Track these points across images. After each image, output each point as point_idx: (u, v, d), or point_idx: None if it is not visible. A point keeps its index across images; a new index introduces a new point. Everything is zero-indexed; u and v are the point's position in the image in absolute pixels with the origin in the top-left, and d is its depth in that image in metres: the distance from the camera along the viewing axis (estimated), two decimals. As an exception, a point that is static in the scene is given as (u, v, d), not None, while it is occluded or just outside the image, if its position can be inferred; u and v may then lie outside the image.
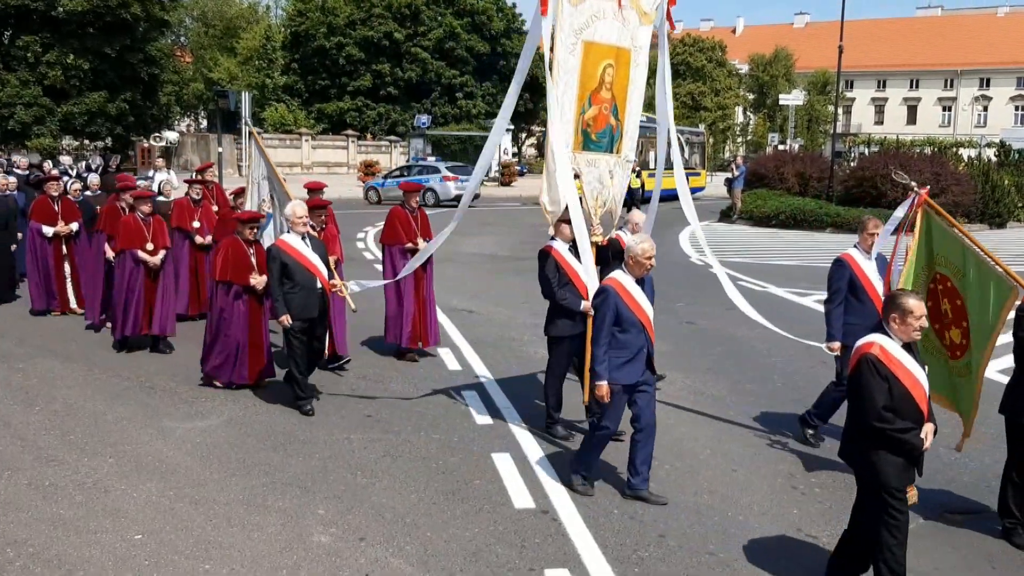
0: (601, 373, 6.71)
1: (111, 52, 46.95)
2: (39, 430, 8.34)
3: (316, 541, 6.20)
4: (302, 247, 9.00)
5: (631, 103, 8.70)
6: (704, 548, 6.21)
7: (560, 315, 8.29)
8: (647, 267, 6.88)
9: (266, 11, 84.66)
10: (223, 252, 9.61)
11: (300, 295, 8.84)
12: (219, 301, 9.61)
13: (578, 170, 8.43)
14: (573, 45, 8.09)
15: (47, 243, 13.25)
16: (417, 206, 11.17)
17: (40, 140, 45.40)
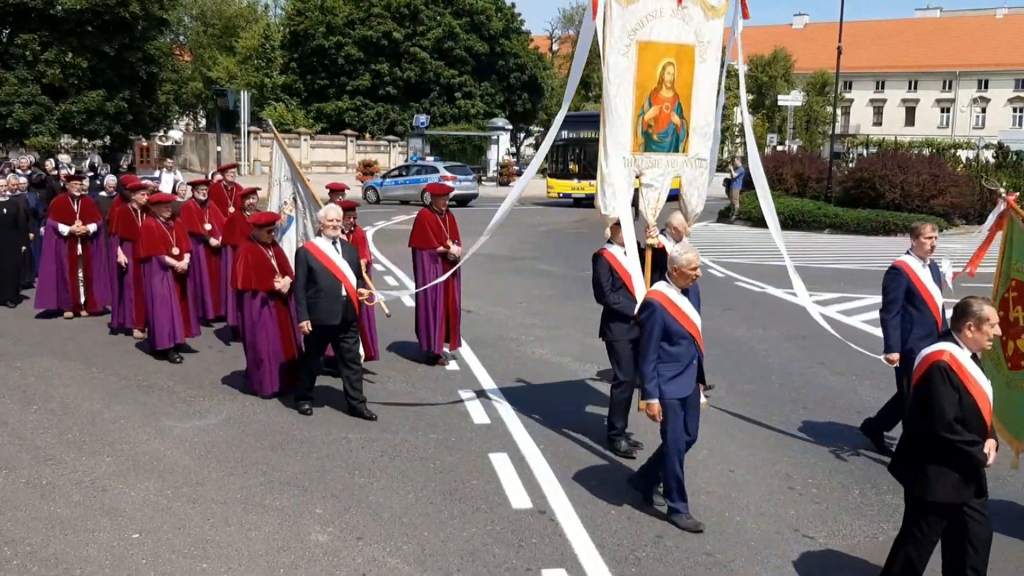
0: (651, 391, 6.43)
1: (110, 51, 46.91)
2: (37, 429, 8.34)
3: (314, 540, 6.20)
4: (331, 252, 8.78)
5: (698, 100, 8.39)
6: (701, 548, 6.21)
7: (614, 319, 8.05)
8: (692, 278, 6.59)
9: (265, 10, 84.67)
10: (242, 259, 9.37)
11: (324, 301, 8.65)
12: (246, 311, 9.41)
13: (639, 171, 8.22)
14: (626, 47, 7.89)
15: (63, 242, 13.05)
16: (446, 209, 10.97)
17: (38, 138, 45.36)
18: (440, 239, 10.70)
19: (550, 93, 75.00)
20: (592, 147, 40.99)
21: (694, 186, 8.62)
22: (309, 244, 8.93)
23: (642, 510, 6.81)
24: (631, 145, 8.11)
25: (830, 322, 13.84)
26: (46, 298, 13.03)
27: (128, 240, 11.85)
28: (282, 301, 9.45)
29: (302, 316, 8.67)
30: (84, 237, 13.16)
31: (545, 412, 9.12)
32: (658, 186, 8.36)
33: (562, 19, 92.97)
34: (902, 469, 5.36)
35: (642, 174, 8.24)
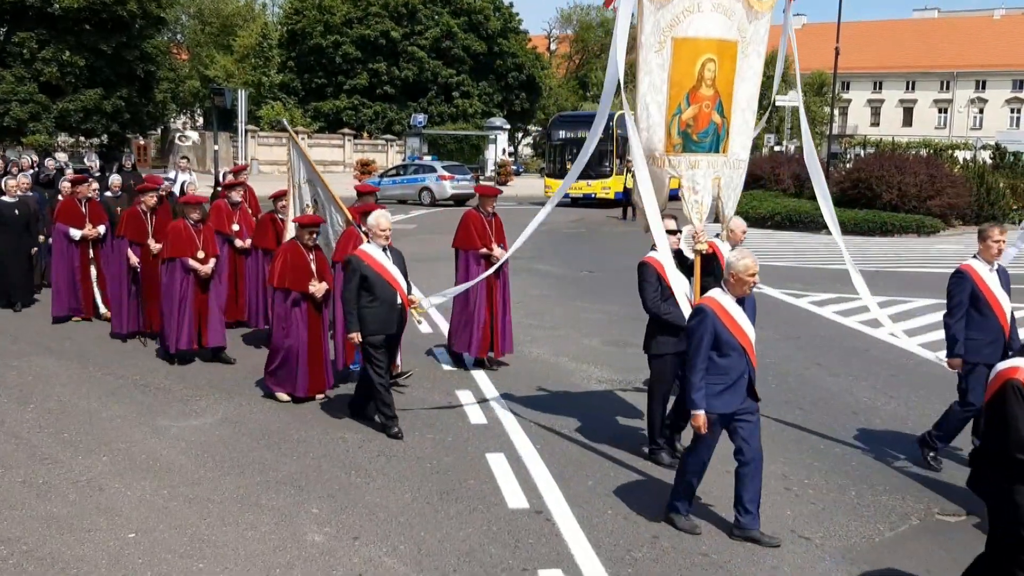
0: (698, 402, 6.13)
1: (107, 49, 46.88)
2: (33, 428, 8.33)
3: (310, 540, 6.20)
4: (384, 259, 8.46)
5: (738, 98, 7.96)
6: (697, 549, 6.22)
7: (662, 331, 7.66)
8: (750, 285, 6.24)
9: (263, 9, 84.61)
10: (281, 258, 9.22)
11: (380, 310, 8.31)
12: (277, 309, 9.25)
13: (676, 173, 7.86)
14: (660, 44, 7.55)
15: (74, 246, 12.77)
16: (493, 211, 10.75)
17: (35, 137, 45.33)
18: (485, 240, 10.52)
19: (548, 93, 75.05)
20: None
21: (730, 188, 8.21)
22: (361, 252, 8.51)
23: (638, 511, 6.81)
24: (664, 145, 7.80)
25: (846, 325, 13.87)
26: (63, 304, 12.74)
27: (137, 243, 11.63)
28: (314, 305, 9.23)
29: (352, 327, 8.28)
30: (95, 240, 12.89)
31: (542, 412, 9.13)
32: (701, 188, 8.00)
33: (560, 19, 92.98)
34: (983, 485, 5.07)
35: (680, 176, 7.88)
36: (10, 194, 13.58)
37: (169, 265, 10.59)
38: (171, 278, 10.57)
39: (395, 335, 8.59)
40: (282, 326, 9.17)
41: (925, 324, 13.70)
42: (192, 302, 10.58)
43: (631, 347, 12.02)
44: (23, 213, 13.61)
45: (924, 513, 6.93)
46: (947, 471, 7.77)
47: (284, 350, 9.12)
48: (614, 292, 16.32)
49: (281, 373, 9.21)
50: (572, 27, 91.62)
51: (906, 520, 6.80)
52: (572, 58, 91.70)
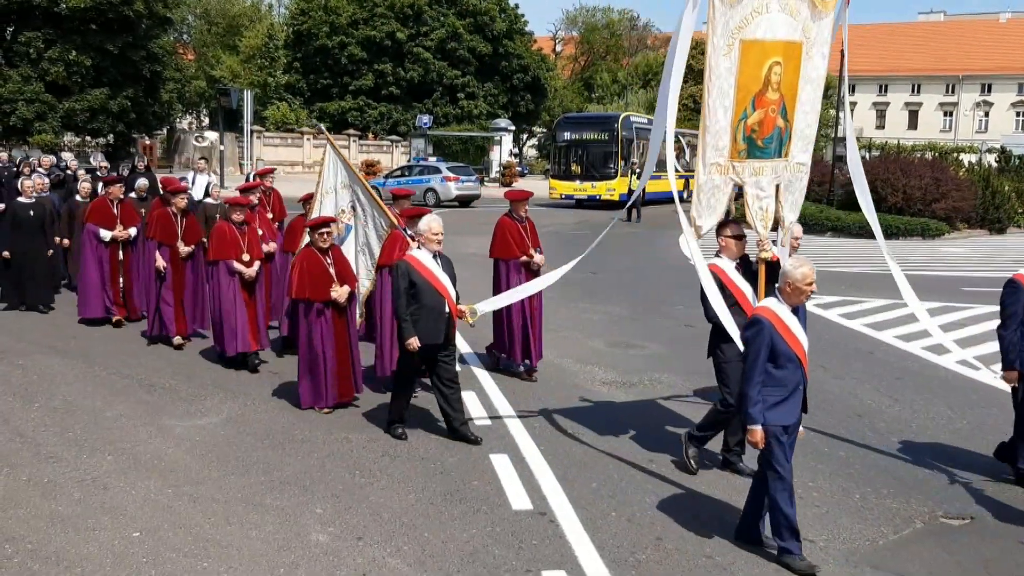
0: (755, 416, 5.94)
1: (113, 49, 46.99)
2: (38, 427, 8.35)
3: (314, 540, 6.21)
4: (433, 266, 8.17)
5: (801, 101, 7.72)
6: (701, 551, 6.21)
7: (726, 339, 7.37)
8: (807, 294, 6.07)
9: (269, 9, 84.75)
10: (298, 267, 8.92)
11: (426, 318, 8.03)
12: (301, 321, 8.96)
13: (740, 180, 7.53)
14: (728, 47, 7.27)
15: (104, 247, 12.59)
16: (526, 215, 10.48)
17: (42, 136, 45.43)
18: (522, 247, 10.28)
19: (553, 94, 75.07)
20: (594, 149, 41.16)
21: (790, 192, 7.90)
22: (411, 257, 8.23)
23: (642, 512, 6.81)
24: (729, 152, 7.46)
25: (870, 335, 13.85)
26: (90, 306, 12.55)
27: (166, 244, 11.43)
28: (338, 311, 8.98)
29: (408, 332, 7.99)
30: (125, 242, 12.72)
31: (546, 413, 9.13)
32: (766, 195, 7.72)
33: (565, 20, 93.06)
34: None
35: (744, 183, 7.57)
36: (26, 195, 13.46)
37: (214, 268, 10.47)
38: (216, 282, 10.46)
39: (441, 345, 8.20)
40: (308, 341, 8.90)
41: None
42: (243, 305, 10.38)
43: (634, 348, 12.05)
44: (39, 214, 13.47)
45: (928, 516, 6.92)
46: (951, 475, 7.77)
47: (313, 362, 8.90)
48: (618, 294, 16.33)
49: (314, 385, 8.97)
50: (577, 29, 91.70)
51: (910, 523, 6.79)
52: (577, 60, 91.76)
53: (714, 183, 7.41)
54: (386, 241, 9.57)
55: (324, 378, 8.91)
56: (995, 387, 10.43)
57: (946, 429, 9.03)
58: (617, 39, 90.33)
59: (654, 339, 12.82)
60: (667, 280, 17.44)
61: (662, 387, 10.32)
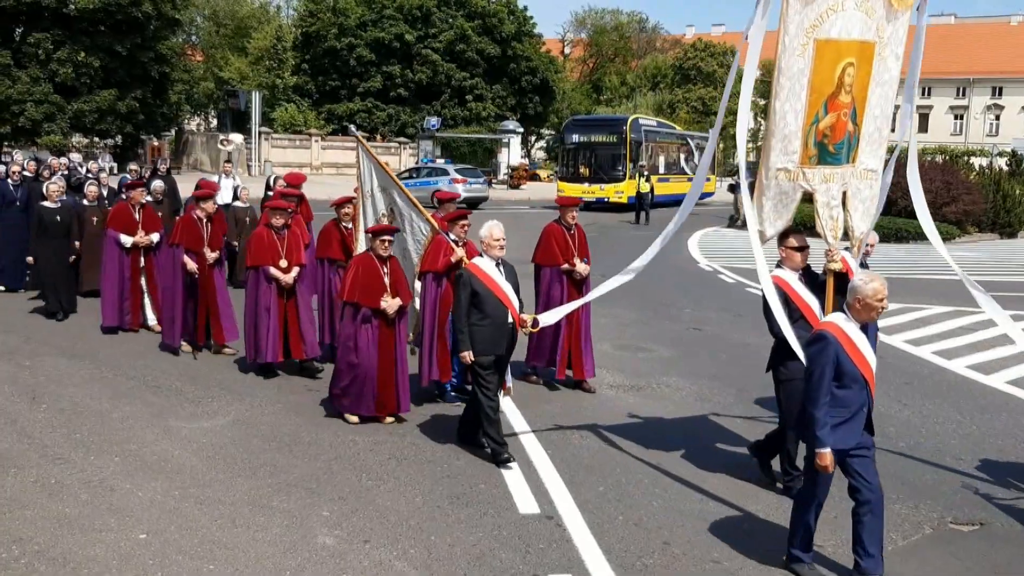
0: (823, 439, 5.59)
1: (122, 50, 47.13)
2: (45, 428, 8.35)
3: (320, 543, 6.19)
4: (496, 275, 7.92)
5: (871, 104, 7.30)
6: (708, 556, 6.19)
7: (789, 355, 7.01)
8: (878, 311, 5.75)
9: (277, 11, 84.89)
10: (353, 270, 8.60)
11: (489, 329, 7.76)
12: (346, 325, 8.67)
13: (810, 188, 7.19)
14: (803, 47, 6.92)
15: (124, 254, 12.17)
16: (574, 222, 10.17)
17: (50, 137, 45.57)
18: (567, 255, 9.99)
19: (561, 96, 75.12)
20: (602, 151, 41.20)
21: (858, 199, 7.46)
22: (472, 266, 8.01)
23: (650, 517, 6.78)
24: (800, 157, 7.11)
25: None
26: (113, 314, 12.16)
27: (193, 251, 11.03)
28: (386, 322, 8.60)
29: (463, 345, 7.72)
30: (147, 248, 12.36)
31: (552, 417, 9.11)
32: (837, 204, 7.37)
33: (574, 22, 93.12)
34: None
35: (815, 190, 7.22)
36: (51, 199, 13.17)
37: (251, 274, 10.23)
38: (252, 288, 10.19)
39: (504, 356, 8.00)
40: (350, 344, 8.58)
41: (940, 332, 13.63)
42: (276, 313, 10.09)
43: (643, 351, 12.03)
44: (64, 219, 13.22)
45: (937, 522, 6.88)
46: (960, 480, 7.73)
47: (352, 370, 8.57)
48: (625, 297, 16.26)
49: (351, 393, 8.65)
50: (586, 31, 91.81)
51: (919, 529, 6.75)
52: (586, 62, 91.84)
53: (782, 189, 7.13)
54: (429, 246, 9.24)
55: (361, 388, 8.59)
56: (1005, 392, 10.40)
57: (956, 434, 8.98)
58: (626, 41, 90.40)
59: (662, 342, 12.79)
60: (675, 283, 17.39)
61: (670, 391, 10.29)
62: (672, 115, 71.10)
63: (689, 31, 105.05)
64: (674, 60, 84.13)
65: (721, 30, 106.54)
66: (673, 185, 43.87)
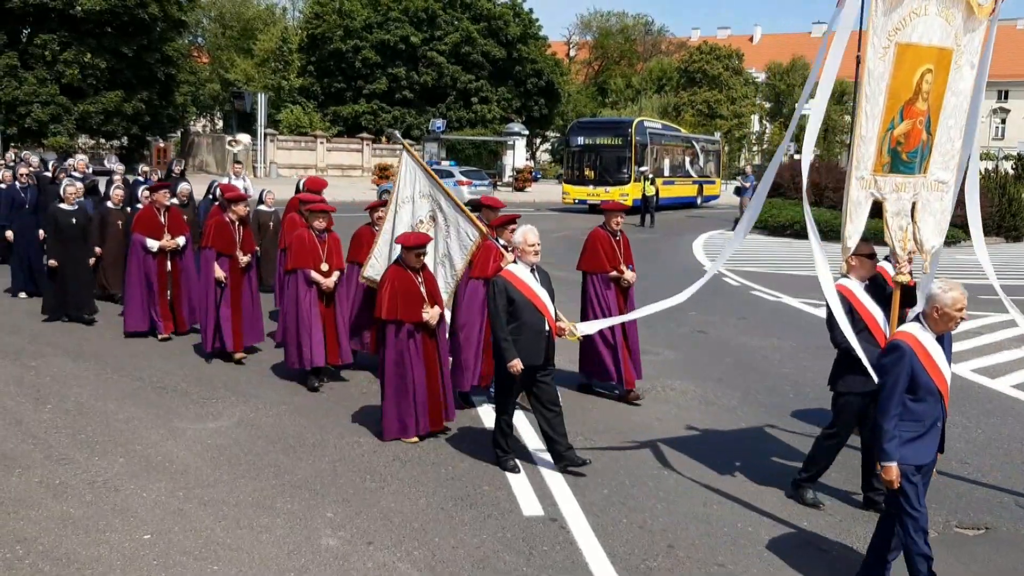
0: (891, 452, 5.41)
1: (128, 51, 47.26)
2: (50, 428, 8.36)
3: (324, 544, 6.19)
4: (532, 281, 7.64)
5: (945, 113, 7.08)
6: (713, 559, 6.18)
7: (851, 367, 6.84)
8: (957, 321, 5.52)
9: (283, 13, 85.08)
10: (388, 286, 8.20)
11: (525, 338, 7.49)
12: (389, 344, 8.20)
13: (880, 196, 6.95)
14: (885, 49, 6.67)
15: (151, 258, 11.94)
16: (619, 227, 9.93)
17: (56, 139, 45.69)
18: (613, 262, 9.80)
19: (566, 99, 75.16)
20: (607, 153, 41.21)
21: (928, 212, 7.24)
22: (507, 273, 7.67)
23: (654, 519, 6.77)
24: (873, 164, 6.88)
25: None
26: (136, 319, 11.99)
27: (225, 255, 10.81)
28: (428, 333, 8.34)
29: (509, 355, 7.40)
30: (173, 252, 12.11)
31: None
32: (907, 214, 7.15)
33: (579, 25, 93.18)
34: None
35: (884, 199, 6.99)
36: (68, 201, 12.93)
37: (291, 278, 10.03)
38: (292, 292, 9.99)
39: (540, 366, 7.65)
40: (398, 366, 8.20)
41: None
42: (318, 317, 9.92)
43: (648, 354, 12.00)
44: (80, 222, 13.02)
45: (943, 526, 6.86)
46: (965, 486, 7.71)
47: (402, 389, 8.25)
48: (631, 299, 16.26)
49: (408, 415, 8.30)
50: (591, 33, 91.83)
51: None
52: (591, 64, 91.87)
53: (858, 198, 6.89)
54: (479, 253, 9.07)
55: (414, 407, 8.28)
56: (1011, 396, 10.38)
57: (961, 438, 8.96)
58: (631, 44, 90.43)
59: (667, 345, 12.78)
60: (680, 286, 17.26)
61: (675, 393, 10.28)
62: (677, 118, 71.13)
63: (695, 34, 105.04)
64: (679, 63, 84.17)
65: (726, 33, 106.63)
66: (678, 188, 43.87)
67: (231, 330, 10.88)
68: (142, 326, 12.01)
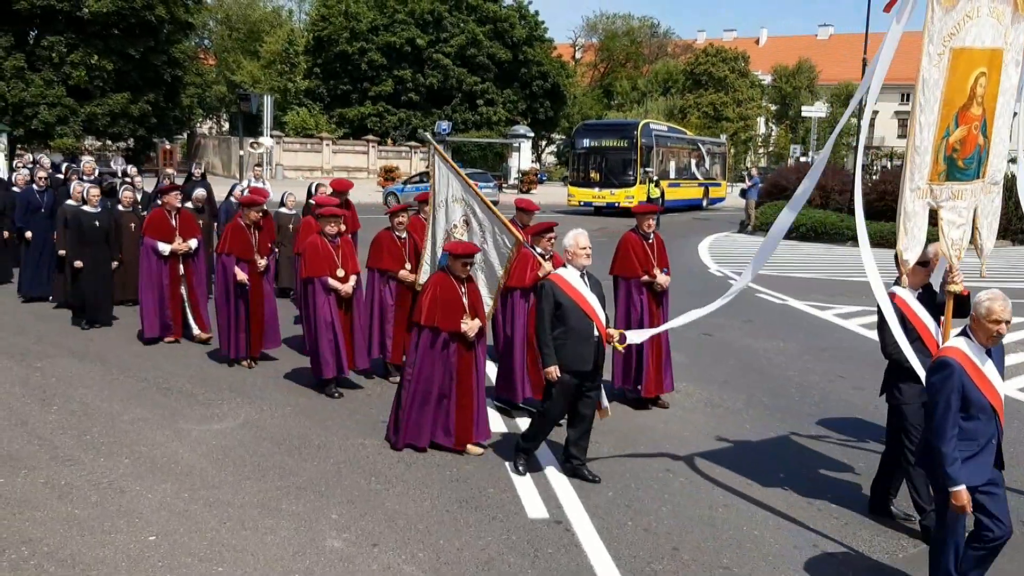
0: (956, 476, 5.14)
1: (135, 53, 47.40)
2: (56, 429, 8.37)
3: (329, 546, 6.19)
4: (581, 286, 7.42)
5: (1000, 114, 6.89)
6: (718, 562, 6.16)
7: (904, 377, 6.67)
8: (995, 334, 5.29)
9: (289, 15, 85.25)
10: (431, 291, 7.96)
11: (572, 343, 7.28)
12: (421, 351, 7.98)
13: (936, 205, 6.68)
14: (939, 56, 6.42)
15: (162, 262, 11.74)
16: (651, 230, 9.69)
17: (63, 140, 45.81)
18: (646, 265, 9.54)
19: (572, 101, 75.20)
20: (613, 156, 41.19)
21: (984, 215, 7.04)
22: (556, 276, 7.49)
23: (659, 522, 6.76)
24: (930, 173, 6.60)
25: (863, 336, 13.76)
26: (151, 325, 11.75)
27: (244, 260, 10.63)
28: (465, 345, 8.04)
29: (549, 360, 7.27)
30: (185, 255, 11.92)
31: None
32: (964, 222, 6.91)
33: (585, 27, 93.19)
34: None
35: (940, 207, 6.72)
36: (91, 203, 12.69)
37: (308, 286, 9.77)
38: (311, 300, 9.73)
39: (589, 374, 7.48)
40: (427, 374, 7.99)
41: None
42: (340, 324, 9.71)
43: (653, 357, 11.98)
44: (104, 224, 12.81)
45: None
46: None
47: (425, 398, 8.02)
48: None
49: (421, 425, 8.07)
50: (597, 36, 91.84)
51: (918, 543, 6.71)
52: (597, 67, 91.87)
53: (913, 209, 6.61)
54: (515, 261, 8.76)
55: (443, 417, 8.08)
56: (1017, 399, 10.34)
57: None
58: (637, 46, 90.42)
59: (672, 348, 12.71)
60: (684, 288, 17.34)
61: (679, 396, 10.26)
62: (683, 120, 71.08)
63: (700, 36, 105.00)
64: (685, 65, 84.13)
65: (732, 35, 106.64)
66: (683, 190, 43.85)
67: (248, 335, 10.75)
68: (155, 332, 11.79)
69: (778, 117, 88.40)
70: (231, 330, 10.71)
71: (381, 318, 10.34)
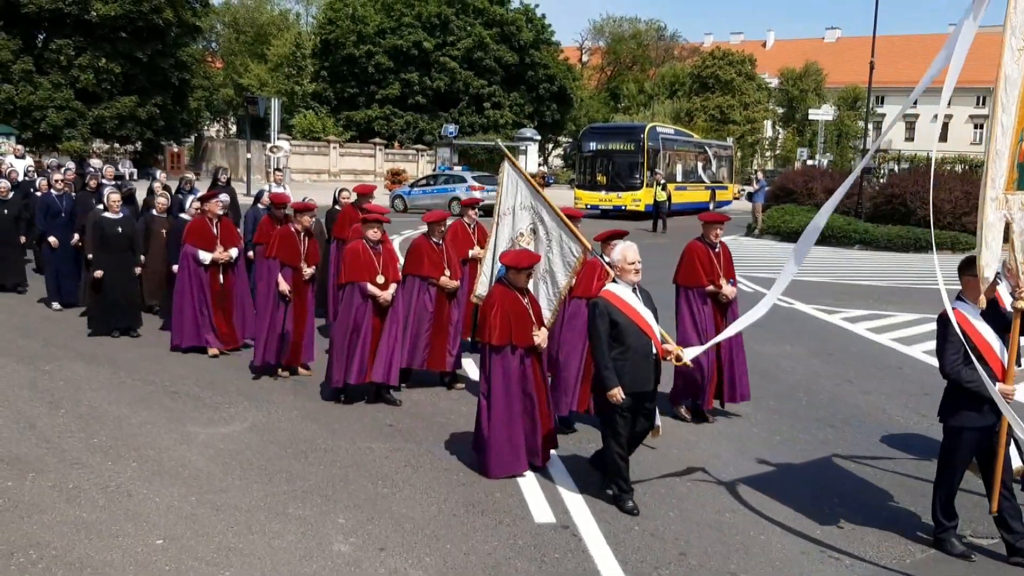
0: None
1: (143, 56, 47.55)
2: (64, 433, 8.39)
3: (336, 550, 6.19)
4: (635, 302, 7.10)
5: None
6: (725, 567, 6.15)
7: (964, 400, 6.34)
8: None
9: (297, 19, 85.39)
10: (498, 308, 7.54)
11: (632, 363, 6.95)
12: (497, 370, 7.56)
13: (1010, 217, 6.18)
14: (1019, 52, 6.00)
15: (202, 271, 11.41)
16: (718, 240, 9.41)
17: (71, 143, 45.92)
18: (712, 276, 9.25)
19: (579, 104, 75.17)
20: (620, 159, 41.18)
21: None
22: (608, 293, 7.13)
23: (666, 527, 6.75)
24: (1006, 180, 6.14)
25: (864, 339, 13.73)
26: (186, 334, 11.50)
27: (289, 266, 10.33)
28: (537, 357, 7.73)
29: (611, 382, 6.85)
30: (226, 264, 11.58)
31: (569, 426, 9.07)
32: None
33: (592, 31, 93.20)
34: None
35: (1013, 219, 6.21)
36: (113, 210, 12.50)
37: (346, 291, 9.47)
38: (347, 305, 9.44)
39: (649, 392, 7.18)
40: (505, 396, 7.58)
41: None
42: (369, 332, 9.40)
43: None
44: (127, 231, 12.61)
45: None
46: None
47: (510, 419, 7.60)
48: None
49: (502, 446, 7.62)
50: (604, 39, 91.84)
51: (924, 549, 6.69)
52: (604, 70, 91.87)
53: (992, 221, 6.12)
54: (583, 270, 8.57)
55: (521, 440, 7.68)
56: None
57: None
58: (644, 49, 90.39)
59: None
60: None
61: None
62: (690, 123, 70.98)
63: (707, 39, 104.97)
64: (692, 68, 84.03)
65: (739, 38, 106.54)
66: (690, 194, 43.77)
67: (292, 345, 10.52)
68: (193, 341, 11.51)
69: (785, 120, 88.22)
70: (267, 338, 10.43)
71: (418, 325, 10.12)
